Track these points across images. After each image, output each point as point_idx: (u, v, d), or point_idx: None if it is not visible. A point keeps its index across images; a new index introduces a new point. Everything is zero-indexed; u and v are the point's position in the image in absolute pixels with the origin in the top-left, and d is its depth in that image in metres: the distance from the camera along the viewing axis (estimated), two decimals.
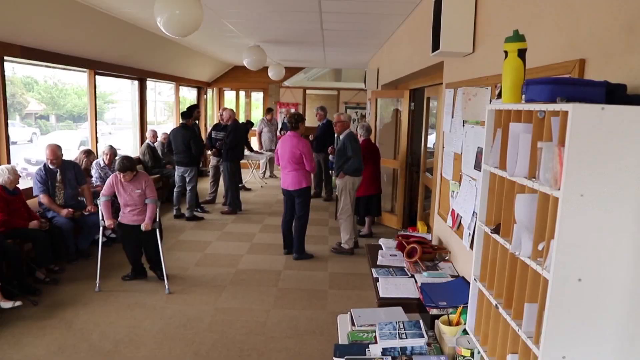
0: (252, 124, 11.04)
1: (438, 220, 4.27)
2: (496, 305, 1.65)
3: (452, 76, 3.93)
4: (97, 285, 4.92)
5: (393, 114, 7.96)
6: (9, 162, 5.46)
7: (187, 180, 7.69)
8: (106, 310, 4.50)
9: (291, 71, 12.63)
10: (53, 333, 4.06)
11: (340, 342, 2.59)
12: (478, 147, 3.06)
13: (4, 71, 5.38)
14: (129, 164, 4.81)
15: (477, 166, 3.06)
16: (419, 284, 3.15)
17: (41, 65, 6.46)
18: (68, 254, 5.51)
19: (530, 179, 1.46)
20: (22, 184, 5.36)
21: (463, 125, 3.45)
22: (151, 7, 4.46)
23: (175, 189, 7.89)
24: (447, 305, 2.77)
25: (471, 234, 3.12)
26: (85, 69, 7.26)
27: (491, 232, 1.74)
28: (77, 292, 4.85)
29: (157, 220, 5.05)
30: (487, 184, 1.85)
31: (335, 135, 9.22)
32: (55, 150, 5.62)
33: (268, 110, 11.90)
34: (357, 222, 6.78)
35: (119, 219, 5.03)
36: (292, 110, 12.03)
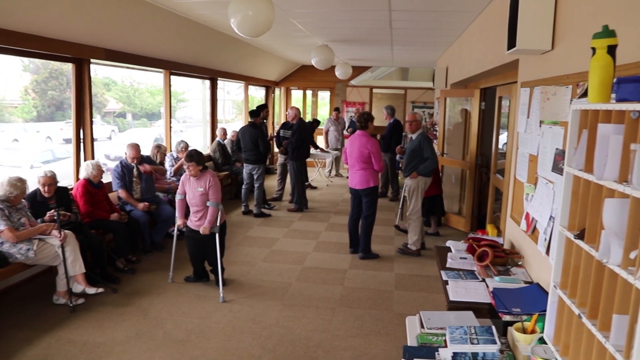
0: (318, 123, 11.13)
1: (510, 223, 4.13)
2: (579, 314, 1.58)
3: (529, 74, 3.78)
4: (170, 276, 5.15)
5: (462, 114, 7.77)
6: (93, 157, 5.83)
7: (255, 177, 7.87)
8: (179, 301, 4.69)
9: (358, 70, 12.62)
10: (131, 319, 4.29)
11: (409, 344, 2.57)
12: (556, 149, 2.93)
13: (89, 73, 5.74)
14: (195, 155, 4.73)
15: (555, 168, 2.93)
16: (491, 289, 3.06)
17: (120, 67, 6.82)
18: (144, 245, 5.82)
19: (621, 183, 1.38)
20: (104, 179, 5.69)
21: (540, 126, 3.32)
22: (224, 8, 4.60)
23: (243, 186, 8.10)
24: (521, 312, 2.68)
25: (547, 239, 2.99)
26: (161, 70, 7.59)
27: (574, 238, 1.67)
28: (152, 282, 5.10)
29: (218, 224, 4.83)
30: (570, 188, 1.77)
31: (404, 134, 9.14)
32: (137, 149, 5.92)
33: (335, 109, 11.96)
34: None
35: (188, 219, 5.00)
36: (359, 109, 12.01)
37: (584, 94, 2.14)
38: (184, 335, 4.02)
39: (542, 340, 2.29)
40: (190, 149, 5.27)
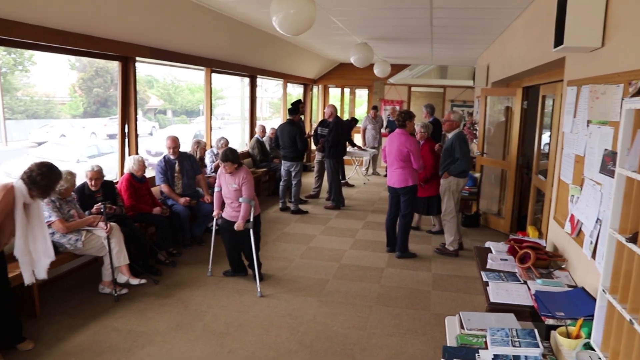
0: (356, 121, 11.11)
1: (554, 225, 4.03)
2: (630, 320, 1.54)
3: (576, 73, 3.68)
4: (210, 270, 5.26)
5: (503, 113, 7.62)
6: (137, 153, 6.00)
7: (293, 174, 7.93)
8: (218, 294, 4.78)
9: (396, 68, 12.52)
10: (172, 311, 4.40)
11: (448, 344, 2.55)
12: (605, 150, 2.85)
13: (135, 70, 5.90)
14: (230, 155, 4.78)
15: (604, 170, 2.84)
16: (533, 292, 3.00)
17: (162, 64, 6.99)
18: (184, 239, 5.95)
19: None
20: (147, 173, 5.85)
21: (587, 126, 3.23)
22: (266, 7, 4.65)
23: (281, 183, 8.17)
24: (565, 316, 2.62)
25: (594, 242, 2.91)
26: (202, 67, 7.74)
27: (626, 241, 1.62)
28: (192, 275, 5.21)
29: (251, 220, 4.87)
30: (622, 190, 1.72)
31: (443, 133, 9.03)
32: (175, 140, 6.08)
33: (373, 108, 11.91)
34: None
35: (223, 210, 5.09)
36: (396, 108, 11.93)
37: (638, 93, 2.07)
38: (223, 328, 4.10)
39: (587, 346, 2.23)
40: (224, 148, 5.32)
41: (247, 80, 9.73)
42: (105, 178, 5.15)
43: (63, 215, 4.47)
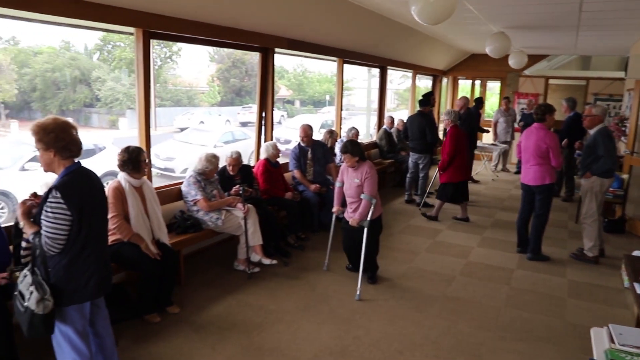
0: (482, 103, 10.37)
1: None
2: None
3: None
4: (325, 264, 5.21)
5: None
6: (272, 139, 6.31)
7: (420, 167, 7.82)
8: (342, 280, 4.89)
9: (533, 59, 11.71)
10: (299, 292, 4.59)
11: (595, 358, 2.37)
12: None
13: (273, 61, 6.20)
14: (349, 147, 4.58)
15: None
16: None
17: (298, 55, 7.24)
18: (312, 225, 6.17)
19: None
20: (280, 159, 6.13)
21: None
22: None
23: (408, 175, 8.10)
24: None
25: None
26: (335, 58, 7.89)
27: None
28: (319, 260, 5.37)
29: (368, 219, 4.60)
30: None
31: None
32: (307, 130, 6.30)
33: (504, 98, 11.28)
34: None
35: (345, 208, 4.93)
36: (532, 101, 11.18)
37: None
38: (348, 314, 4.20)
39: None
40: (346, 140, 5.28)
41: (375, 71, 9.74)
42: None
43: (207, 195, 4.85)
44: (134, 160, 3.95)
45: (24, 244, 3.38)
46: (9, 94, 24.04)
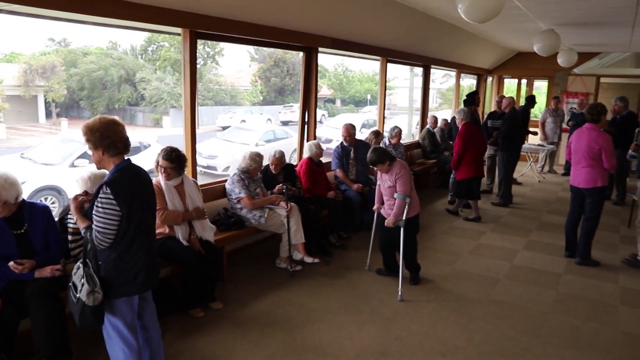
0: (533, 102, 9.89)
1: None
2: None
3: None
4: (368, 264, 5.19)
5: None
6: (314, 138, 6.34)
7: None
8: (384, 280, 4.86)
9: (583, 57, 11.31)
10: (341, 291, 4.60)
11: None
12: None
13: (317, 60, 6.22)
14: (376, 158, 4.52)
15: None
16: None
17: (342, 55, 7.24)
18: (354, 224, 6.16)
19: None
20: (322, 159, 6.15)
21: None
22: None
23: (451, 176, 7.96)
24: None
25: None
26: (378, 57, 7.85)
27: None
28: (360, 259, 5.34)
29: (403, 218, 4.51)
30: None
31: (637, 130, 8.00)
32: (349, 129, 6.31)
33: (554, 98, 10.94)
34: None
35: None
36: (583, 101, 10.79)
37: None
38: (390, 314, 4.17)
39: None
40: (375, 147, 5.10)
41: (419, 70, 9.63)
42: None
43: (250, 193, 4.92)
44: (176, 159, 3.99)
45: (70, 237, 3.54)
46: (59, 93, 25.12)
